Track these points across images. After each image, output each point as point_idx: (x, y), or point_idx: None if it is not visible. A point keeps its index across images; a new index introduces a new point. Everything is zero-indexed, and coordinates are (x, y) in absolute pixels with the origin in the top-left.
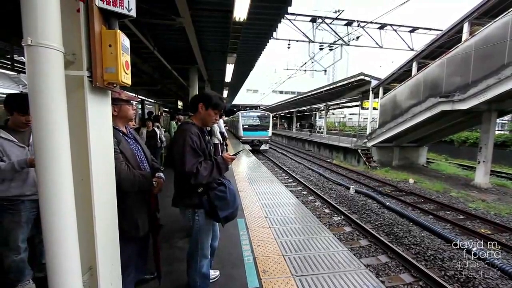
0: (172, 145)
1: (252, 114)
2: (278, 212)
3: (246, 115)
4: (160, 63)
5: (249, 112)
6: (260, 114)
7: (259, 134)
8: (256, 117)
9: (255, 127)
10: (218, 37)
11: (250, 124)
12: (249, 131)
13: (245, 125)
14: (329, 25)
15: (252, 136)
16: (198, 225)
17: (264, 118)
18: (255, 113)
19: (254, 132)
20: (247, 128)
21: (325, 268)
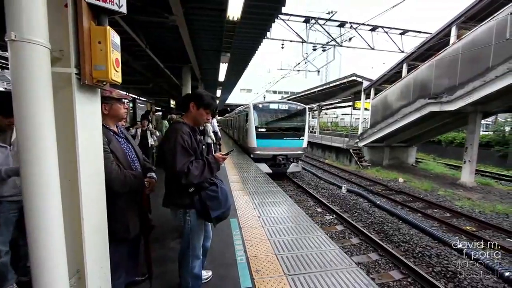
0: (163, 145)
1: (274, 107)
2: (271, 211)
3: (264, 107)
4: (152, 62)
5: (269, 103)
6: (290, 107)
7: (288, 145)
8: (283, 112)
9: (279, 130)
10: (211, 36)
11: (270, 125)
12: (269, 139)
13: (261, 127)
14: (322, 26)
15: (274, 148)
16: (190, 225)
17: (296, 115)
18: (281, 104)
19: (278, 140)
20: (264, 133)
21: (317, 267)
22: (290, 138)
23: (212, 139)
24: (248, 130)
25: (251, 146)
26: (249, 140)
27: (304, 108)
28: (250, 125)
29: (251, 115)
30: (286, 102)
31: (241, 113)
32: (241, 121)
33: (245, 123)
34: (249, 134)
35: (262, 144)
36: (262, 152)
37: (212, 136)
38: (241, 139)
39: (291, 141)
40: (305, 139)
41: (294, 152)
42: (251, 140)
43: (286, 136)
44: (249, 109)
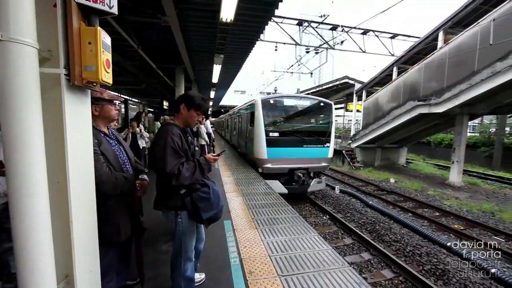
0: (153, 146)
1: (291, 103)
2: (265, 213)
3: (277, 104)
4: (144, 62)
5: (283, 98)
6: (311, 102)
7: (309, 154)
8: (302, 109)
9: (298, 135)
10: (205, 37)
11: (285, 127)
12: (284, 147)
13: (273, 131)
14: (315, 29)
15: (291, 159)
16: (181, 227)
17: (320, 113)
18: (299, 100)
19: (297, 149)
20: (278, 140)
21: (310, 267)
22: (312, 145)
23: (206, 140)
24: (255, 135)
25: (260, 157)
26: (257, 149)
27: (329, 104)
28: (257, 128)
29: (259, 115)
30: (306, 96)
31: (242, 112)
32: (243, 123)
33: (249, 125)
34: (256, 140)
35: (274, 154)
36: (275, 166)
37: (205, 138)
38: (244, 147)
39: (314, 150)
40: (331, 146)
41: (318, 165)
42: (260, 149)
43: (307, 142)
44: (256, 106)
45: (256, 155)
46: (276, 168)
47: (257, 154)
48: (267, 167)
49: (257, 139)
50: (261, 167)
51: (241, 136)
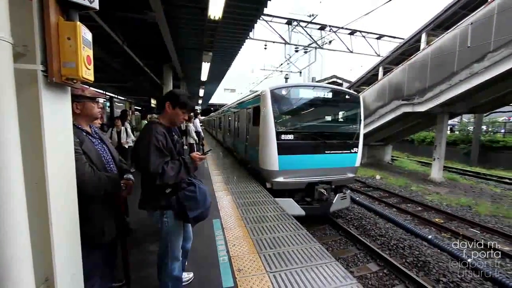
0: (136, 145)
1: (309, 94)
2: (254, 211)
3: (291, 95)
4: (130, 59)
5: (298, 87)
6: (335, 94)
7: (332, 163)
8: (323, 103)
9: (319, 138)
10: (193, 35)
11: (302, 127)
12: (301, 153)
13: (286, 132)
14: (304, 28)
15: (309, 170)
16: (167, 226)
17: (345, 109)
18: (320, 90)
19: (317, 156)
20: (293, 144)
21: (298, 263)
22: (336, 151)
23: (195, 139)
24: (261, 138)
25: (268, 168)
26: (264, 157)
27: (357, 97)
28: (265, 129)
29: (267, 111)
30: (328, 86)
31: (240, 108)
32: (241, 122)
33: (250, 125)
34: (262, 145)
35: (288, 164)
36: (289, 179)
37: (194, 136)
38: (243, 153)
39: (339, 157)
40: (360, 151)
41: (343, 177)
42: (268, 157)
43: (330, 147)
44: (263, 99)
45: (263, 165)
46: (290, 182)
47: (264, 163)
48: (279, 182)
49: (264, 144)
50: (270, 181)
51: (239, 139)
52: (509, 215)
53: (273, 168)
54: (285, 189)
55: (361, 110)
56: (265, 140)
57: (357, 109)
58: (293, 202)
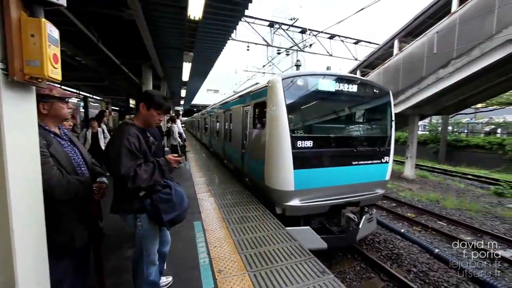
0: (108, 147)
1: (330, 85)
2: (236, 211)
3: (309, 85)
4: (106, 57)
5: (317, 77)
6: (362, 88)
7: (361, 177)
8: (347, 98)
9: (345, 144)
10: (173, 34)
11: (324, 130)
12: (322, 166)
13: (304, 137)
14: (285, 31)
15: (333, 188)
16: (141, 230)
17: (373, 105)
18: (343, 82)
19: (343, 168)
20: (313, 154)
21: (278, 261)
22: (365, 161)
23: (178, 141)
24: (269, 146)
25: (280, 187)
26: (273, 172)
27: (387, 92)
28: (275, 133)
29: (279, 108)
30: (353, 77)
31: (235, 105)
32: (235, 123)
33: (249, 127)
34: (271, 155)
35: (307, 180)
36: (308, 203)
37: (177, 138)
38: (240, 163)
39: (367, 169)
40: (391, 160)
41: (372, 195)
42: (280, 172)
43: (358, 157)
44: (273, 91)
45: (271, 184)
46: (309, 206)
47: (273, 181)
48: (294, 206)
49: (273, 154)
50: (281, 205)
51: (232, 145)
52: (470, 208)
53: (286, 187)
54: (296, 214)
55: (392, 109)
56: (275, 148)
57: (387, 106)
58: (312, 232)
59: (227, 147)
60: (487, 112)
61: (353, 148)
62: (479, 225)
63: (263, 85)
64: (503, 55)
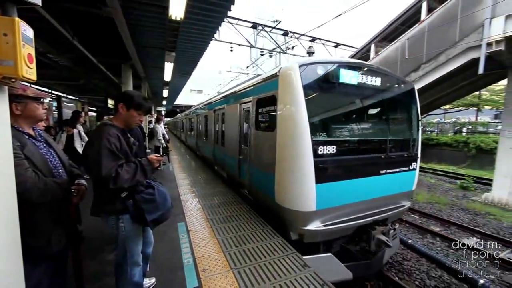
0: (87, 149)
1: (351, 77)
2: (221, 212)
3: (330, 76)
4: (82, 56)
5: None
6: (385, 81)
7: (387, 188)
8: (372, 93)
9: (373, 148)
10: (154, 34)
11: (348, 132)
12: (348, 178)
13: (326, 142)
14: (268, 33)
15: (359, 204)
16: (124, 232)
17: (398, 102)
18: (366, 74)
19: (370, 179)
20: (337, 161)
21: (262, 257)
22: (394, 169)
23: (161, 142)
24: (283, 154)
25: (298, 208)
26: (289, 189)
27: (412, 87)
28: (290, 137)
29: (295, 103)
30: (379, 68)
31: (229, 103)
32: (231, 124)
33: (252, 129)
34: (286, 166)
35: (331, 197)
36: (331, 226)
37: (161, 139)
38: (236, 173)
39: (396, 178)
40: (418, 166)
41: (398, 209)
42: (298, 187)
43: (387, 164)
44: (286, 82)
45: (285, 202)
46: (333, 230)
47: (287, 199)
48: (314, 231)
49: (287, 164)
50: (298, 229)
51: (227, 150)
52: (439, 201)
53: (306, 207)
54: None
55: (417, 103)
56: (291, 156)
57: (414, 103)
58: (335, 261)
59: (219, 152)
60: (455, 113)
61: (382, 154)
62: (447, 216)
63: (271, 75)
64: (465, 61)
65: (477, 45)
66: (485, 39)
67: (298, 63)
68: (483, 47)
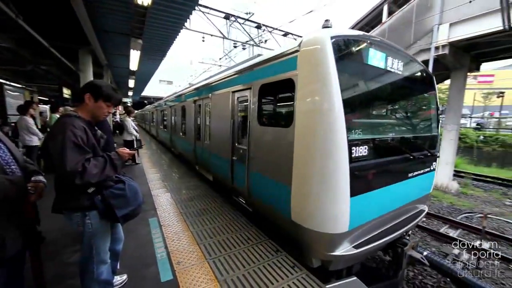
0: (48, 142)
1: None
2: (194, 205)
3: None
4: (30, 37)
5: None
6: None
7: (410, 194)
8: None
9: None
10: (117, 18)
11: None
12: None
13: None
14: (241, 25)
15: (388, 217)
16: (91, 229)
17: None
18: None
19: (400, 186)
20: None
21: (236, 246)
22: (419, 171)
23: (135, 135)
24: (302, 158)
25: (327, 229)
26: (310, 202)
27: (432, 76)
28: (315, 137)
29: (327, 91)
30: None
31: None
32: (220, 119)
33: (254, 124)
34: (306, 173)
35: (364, 211)
36: (363, 248)
37: (133, 132)
38: (233, 177)
39: (418, 182)
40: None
41: (419, 215)
42: (326, 202)
43: (415, 166)
44: (314, 58)
45: (307, 221)
46: (365, 251)
47: (310, 219)
48: (345, 256)
49: (312, 172)
50: (325, 255)
51: (212, 149)
52: None
53: (337, 228)
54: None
55: (436, 95)
56: (318, 162)
57: (435, 96)
58: (362, 286)
59: (202, 151)
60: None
61: (412, 153)
62: None
63: (285, 52)
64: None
65: (428, 48)
66: (434, 43)
67: (330, 33)
68: (432, 50)
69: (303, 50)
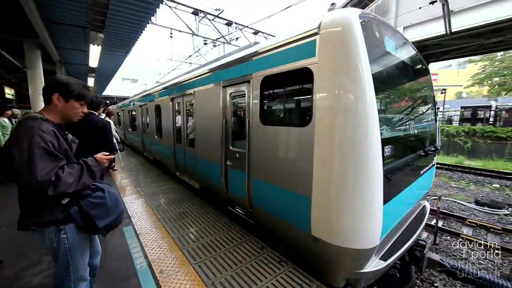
0: (9, 149)
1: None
2: (172, 209)
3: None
4: None
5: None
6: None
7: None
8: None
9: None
10: (71, 8)
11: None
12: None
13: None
14: (211, 21)
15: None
16: (67, 244)
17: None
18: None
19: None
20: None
21: (221, 247)
22: (427, 167)
23: (117, 137)
24: (327, 163)
25: (358, 245)
26: (336, 215)
27: (427, 67)
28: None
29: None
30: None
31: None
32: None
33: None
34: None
35: (391, 218)
36: (391, 260)
37: (116, 135)
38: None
39: (425, 179)
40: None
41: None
42: (356, 213)
43: (425, 162)
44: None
45: (333, 237)
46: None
47: (337, 233)
48: (374, 272)
49: (339, 179)
50: (353, 273)
51: (201, 153)
52: None
53: (369, 243)
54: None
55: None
56: (347, 167)
57: (432, 87)
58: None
59: (184, 155)
60: None
61: (424, 149)
62: None
63: (299, 36)
64: None
65: None
66: None
67: (356, 12)
68: None
69: (325, 32)
